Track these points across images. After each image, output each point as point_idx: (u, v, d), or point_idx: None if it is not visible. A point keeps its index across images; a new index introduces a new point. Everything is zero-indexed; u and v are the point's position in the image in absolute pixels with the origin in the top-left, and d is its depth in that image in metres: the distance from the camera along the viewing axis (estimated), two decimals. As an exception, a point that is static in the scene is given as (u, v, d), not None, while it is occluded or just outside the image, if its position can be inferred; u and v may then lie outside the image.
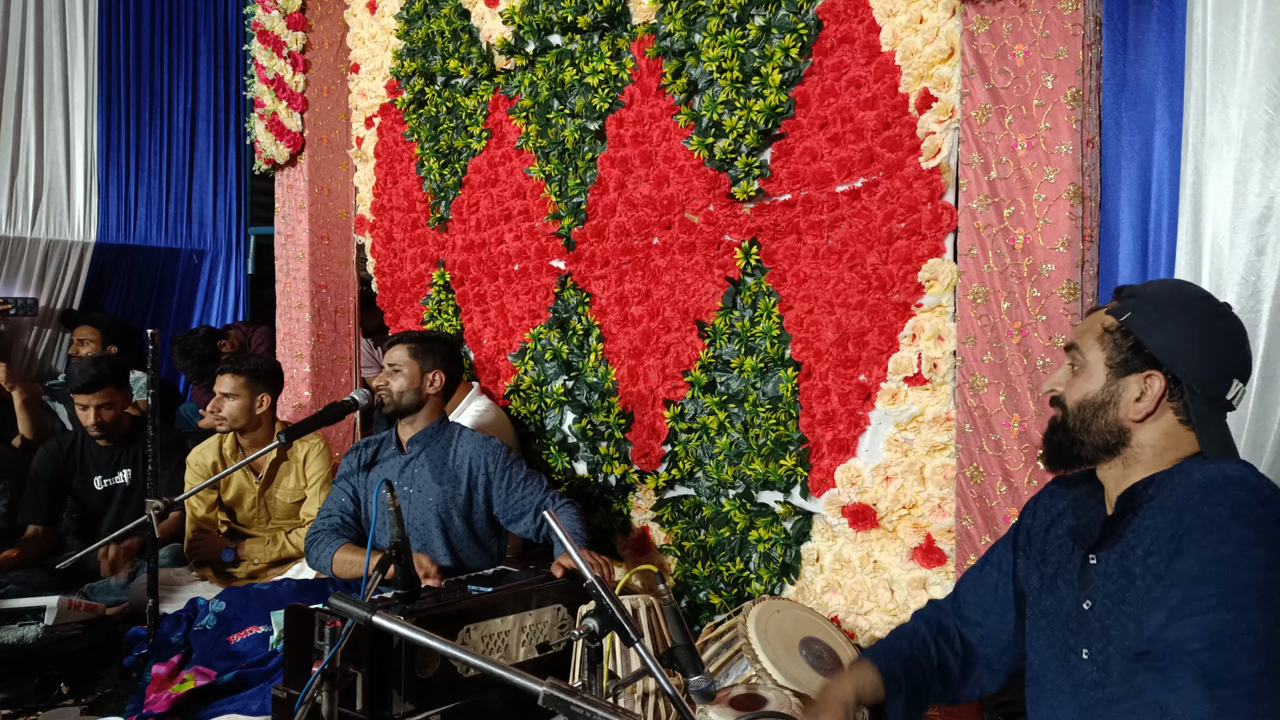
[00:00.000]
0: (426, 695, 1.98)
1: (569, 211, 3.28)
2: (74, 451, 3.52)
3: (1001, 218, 2.18)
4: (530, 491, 2.71)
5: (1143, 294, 1.39)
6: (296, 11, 4.24)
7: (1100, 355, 1.38)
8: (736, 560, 2.82)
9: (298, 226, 4.35)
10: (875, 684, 1.48)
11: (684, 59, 2.90)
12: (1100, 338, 1.39)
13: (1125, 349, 1.36)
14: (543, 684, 1.19)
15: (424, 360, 2.79)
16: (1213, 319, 1.36)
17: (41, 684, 2.37)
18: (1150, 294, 1.39)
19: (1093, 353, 1.39)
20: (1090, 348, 1.40)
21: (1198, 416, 1.33)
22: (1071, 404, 1.41)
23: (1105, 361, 1.37)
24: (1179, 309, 1.36)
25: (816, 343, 2.61)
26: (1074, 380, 1.41)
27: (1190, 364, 1.33)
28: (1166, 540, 1.26)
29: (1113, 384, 1.36)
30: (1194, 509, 1.25)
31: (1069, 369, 1.43)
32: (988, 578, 1.58)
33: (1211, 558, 1.20)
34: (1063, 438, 1.42)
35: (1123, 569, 1.31)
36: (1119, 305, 1.39)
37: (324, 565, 2.67)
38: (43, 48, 5.60)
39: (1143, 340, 1.34)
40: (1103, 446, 1.38)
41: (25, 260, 5.57)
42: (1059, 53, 2.10)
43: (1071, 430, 1.40)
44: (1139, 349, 1.35)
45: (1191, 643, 1.17)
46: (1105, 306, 1.43)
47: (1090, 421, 1.38)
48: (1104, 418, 1.37)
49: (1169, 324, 1.34)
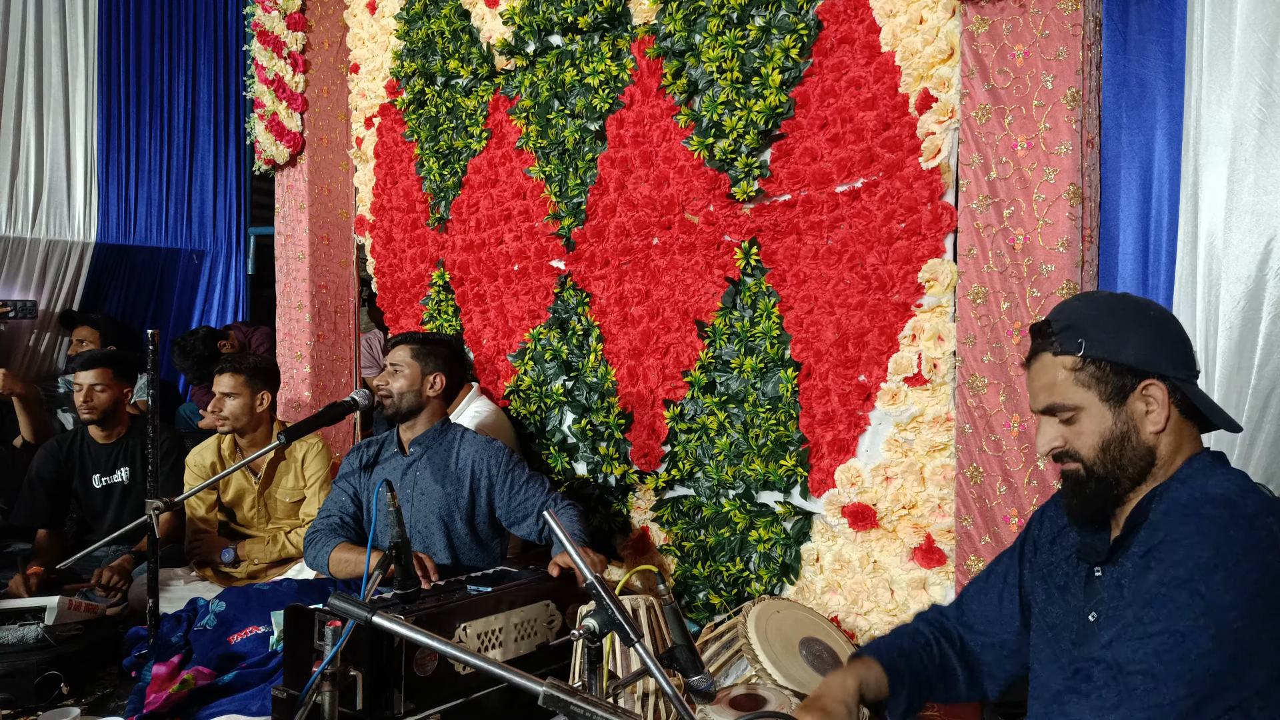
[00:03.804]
0: (427, 695, 1.98)
1: (569, 212, 3.28)
2: (73, 451, 3.52)
3: (1001, 218, 2.19)
4: (533, 494, 2.71)
5: (1077, 321, 1.37)
6: (296, 12, 4.24)
7: (1090, 395, 1.35)
8: (736, 560, 2.82)
9: (298, 227, 4.35)
10: (879, 677, 1.48)
11: (684, 59, 2.90)
12: (1077, 381, 1.36)
13: (1110, 375, 1.34)
14: (543, 684, 1.19)
15: (425, 362, 2.79)
16: (1147, 311, 1.38)
17: (41, 684, 2.37)
18: (1086, 317, 1.37)
19: (1080, 398, 1.36)
20: (1073, 396, 1.36)
21: (1198, 399, 1.35)
22: (1091, 451, 1.36)
23: (1100, 398, 1.35)
24: (1123, 317, 1.37)
25: (816, 343, 2.61)
26: (1074, 430, 1.37)
27: (1167, 358, 1.34)
28: (1141, 557, 1.27)
29: (1120, 412, 1.35)
30: (1168, 526, 1.26)
31: (1059, 426, 1.38)
32: (993, 587, 1.58)
33: (1170, 580, 1.20)
34: (1096, 486, 1.37)
35: (1116, 581, 1.32)
36: (1061, 344, 1.36)
37: (321, 564, 2.67)
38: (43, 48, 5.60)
39: (1117, 359, 1.34)
40: (1138, 475, 1.35)
41: (25, 260, 5.58)
42: (1059, 53, 2.10)
43: (1104, 476, 1.36)
44: (1120, 369, 1.34)
45: (1129, 665, 1.18)
46: (1041, 352, 1.39)
47: (1121, 456, 1.35)
48: (1132, 446, 1.35)
49: (1128, 334, 1.35)
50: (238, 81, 6.33)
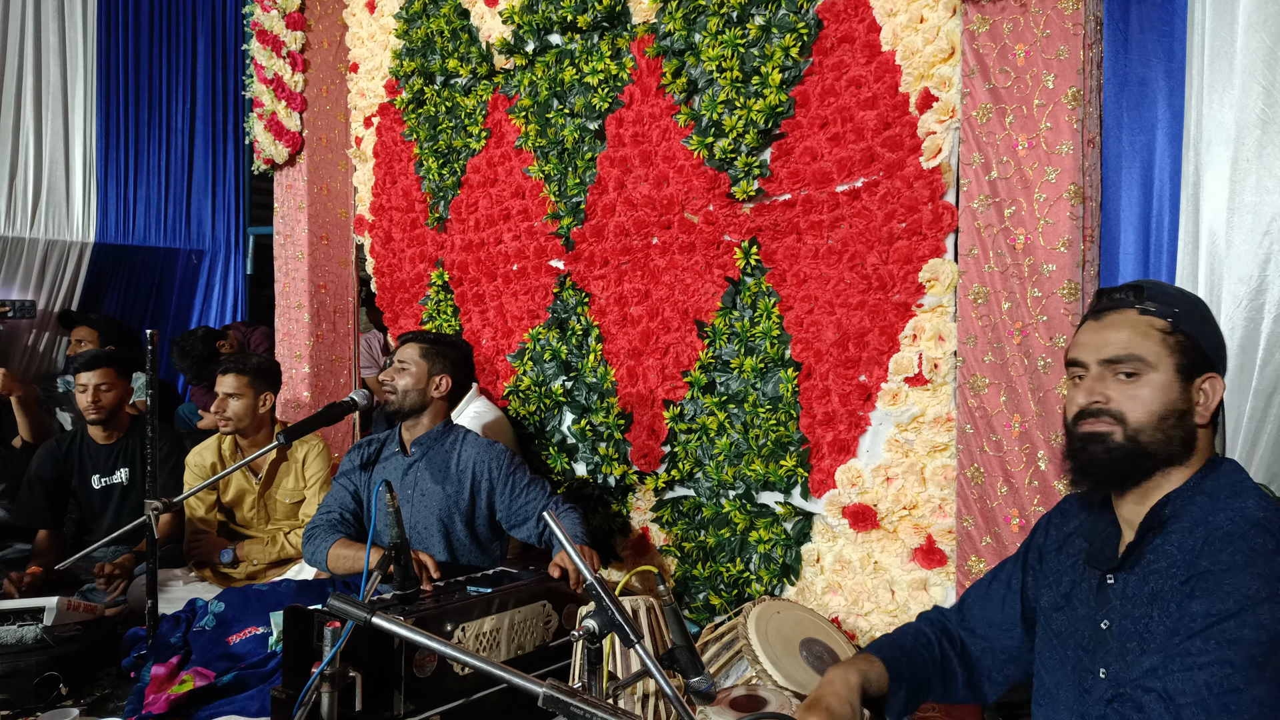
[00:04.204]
0: (426, 696, 1.98)
1: (568, 211, 3.28)
2: (72, 451, 3.52)
3: (1002, 218, 2.18)
4: (533, 497, 2.71)
5: (1167, 294, 1.36)
6: (295, 11, 4.23)
7: (1169, 361, 1.32)
8: (736, 561, 2.81)
9: (297, 226, 4.35)
10: (880, 674, 1.48)
11: (684, 58, 2.89)
12: (1163, 342, 1.32)
13: (1190, 352, 1.33)
14: (543, 685, 1.18)
15: (433, 363, 2.78)
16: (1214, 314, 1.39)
17: (41, 684, 2.36)
18: (1174, 296, 1.36)
19: (1159, 358, 1.31)
20: (1154, 353, 1.32)
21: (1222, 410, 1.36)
22: (1147, 416, 1.31)
23: (1175, 368, 1.32)
24: (1205, 310, 1.37)
25: (817, 343, 2.61)
26: (1131, 391, 1.32)
27: (1222, 362, 1.36)
28: (1181, 583, 1.25)
29: (1185, 389, 1.32)
30: (1211, 555, 1.24)
31: (1113, 382, 1.33)
32: (995, 593, 1.58)
33: (1218, 611, 1.19)
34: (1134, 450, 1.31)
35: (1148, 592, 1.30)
36: (1156, 306, 1.34)
37: (320, 560, 2.67)
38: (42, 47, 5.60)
39: (1200, 342, 1.33)
40: (1173, 456, 1.32)
41: (24, 260, 5.57)
42: (1060, 52, 2.09)
43: (1148, 444, 1.31)
44: (1199, 350, 1.33)
45: (1180, 696, 1.17)
46: (1125, 307, 1.36)
47: (1171, 431, 1.31)
48: (1185, 425, 1.32)
49: (1209, 325, 1.35)
50: (237, 81, 6.32)
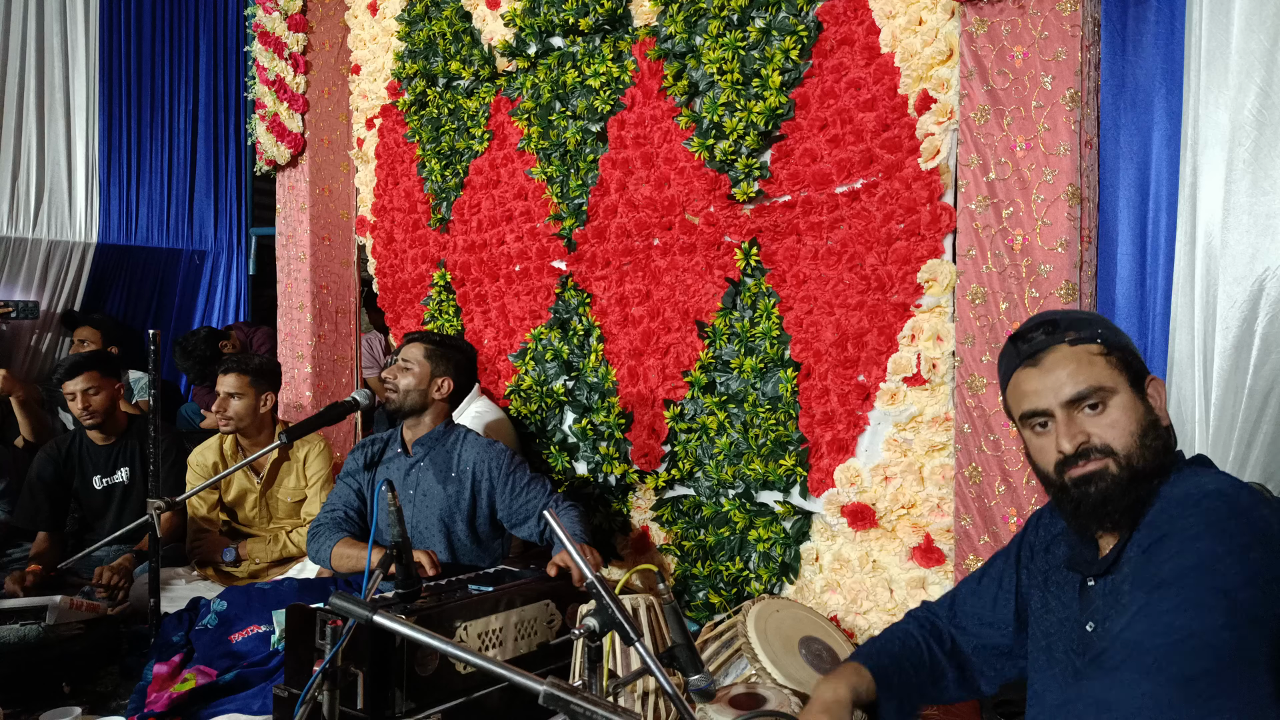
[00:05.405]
0: (428, 694, 1.98)
1: (570, 212, 3.29)
2: (73, 452, 3.52)
3: (1000, 219, 2.19)
4: (534, 496, 2.72)
5: (1078, 320, 1.37)
6: (297, 13, 4.25)
7: (1123, 379, 1.32)
8: (736, 560, 2.82)
9: (299, 227, 4.36)
10: (869, 686, 1.48)
11: (685, 61, 2.91)
12: (1107, 364, 1.32)
13: (1130, 365, 1.34)
14: (543, 683, 1.19)
15: (436, 364, 2.79)
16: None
17: (41, 684, 2.37)
18: (1084, 317, 1.38)
19: (1115, 380, 1.32)
20: (1109, 378, 1.32)
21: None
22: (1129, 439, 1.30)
23: (1129, 383, 1.33)
24: (1110, 322, 1.40)
25: (816, 343, 2.62)
26: (1105, 421, 1.31)
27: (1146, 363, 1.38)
28: (1142, 551, 1.27)
29: (1143, 400, 1.33)
30: (1167, 522, 1.25)
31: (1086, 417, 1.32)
32: (986, 590, 1.57)
33: (1178, 568, 1.20)
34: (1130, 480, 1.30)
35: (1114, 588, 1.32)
36: (1079, 334, 1.35)
37: (324, 558, 2.68)
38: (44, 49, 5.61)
39: (1128, 353, 1.35)
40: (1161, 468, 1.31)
41: (27, 261, 5.59)
42: (1058, 54, 2.10)
43: (1140, 467, 1.29)
44: (1135, 360, 1.35)
45: (1145, 641, 1.17)
46: (1053, 347, 1.35)
47: (1154, 444, 1.31)
48: (1159, 434, 1.33)
49: (1122, 333, 1.38)
50: (239, 82, 6.33)
